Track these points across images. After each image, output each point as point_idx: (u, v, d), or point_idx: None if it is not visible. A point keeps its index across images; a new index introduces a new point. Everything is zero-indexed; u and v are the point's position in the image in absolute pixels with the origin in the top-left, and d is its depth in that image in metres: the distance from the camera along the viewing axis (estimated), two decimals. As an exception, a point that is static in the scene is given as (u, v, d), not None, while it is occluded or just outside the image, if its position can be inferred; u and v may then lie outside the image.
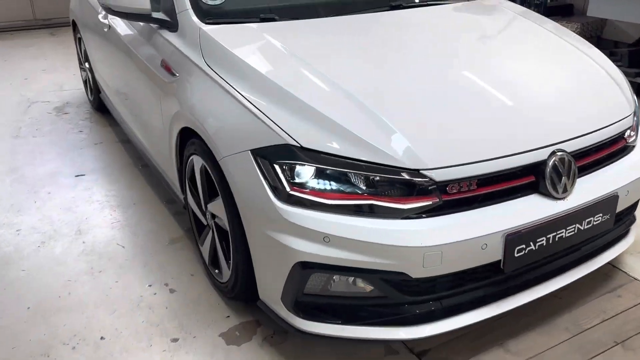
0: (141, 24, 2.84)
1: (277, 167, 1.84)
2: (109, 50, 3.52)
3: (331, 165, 1.80)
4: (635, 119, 2.28)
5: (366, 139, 1.81)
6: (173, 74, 2.45)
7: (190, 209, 2.59)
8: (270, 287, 1.99)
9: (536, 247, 1.93)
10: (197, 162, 2.31)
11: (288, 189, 1.83)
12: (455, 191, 1.83)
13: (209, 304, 2.41)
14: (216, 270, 2.43)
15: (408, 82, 2.10)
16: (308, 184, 1.81)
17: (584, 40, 2.70)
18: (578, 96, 2.22)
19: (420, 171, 1.79)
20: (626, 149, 2.26)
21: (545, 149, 1.95)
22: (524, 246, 1.90)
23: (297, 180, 1.82)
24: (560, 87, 2.24)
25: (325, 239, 1.78)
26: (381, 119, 1.87)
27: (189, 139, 2.36)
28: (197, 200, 2.48)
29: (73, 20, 4.71)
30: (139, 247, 2.85)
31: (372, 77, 2.10)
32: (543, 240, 1.94)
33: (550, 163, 1.92)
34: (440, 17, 2.77)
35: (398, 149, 1.81)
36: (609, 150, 2.17)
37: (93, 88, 4.59)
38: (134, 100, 3.23)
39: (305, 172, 1.82)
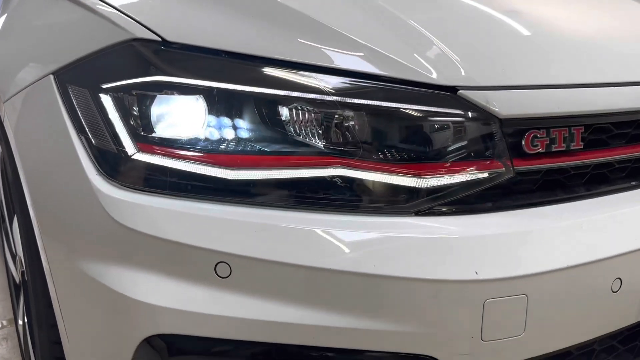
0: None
1: (106, 98, 0.75)
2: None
3: (240, 84, 0.72)
4: None
5: (328, 22, 0.76)
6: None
7: (4, 257, 1.42)
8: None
9: None
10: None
11: (131, 148, 0.73)
12: (540, 149, 0.76)
13: None
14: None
15: None
16: (182, 135, 0.72)
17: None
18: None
19: (460, 92, 0.73)
20: None
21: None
22: (689, 289, 0.83)
23: (155, 127, 0.73)
24: None
25: (220, 268, 0.66)
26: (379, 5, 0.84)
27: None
28: (7, 237, 1.32)
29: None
30: None
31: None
32: None
33: None
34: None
35: (405, 45, 0.75)
36: None
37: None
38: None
39: (176, 106, 0.73)
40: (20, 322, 1.37)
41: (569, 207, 0.78)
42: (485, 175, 0.73)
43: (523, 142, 0.75)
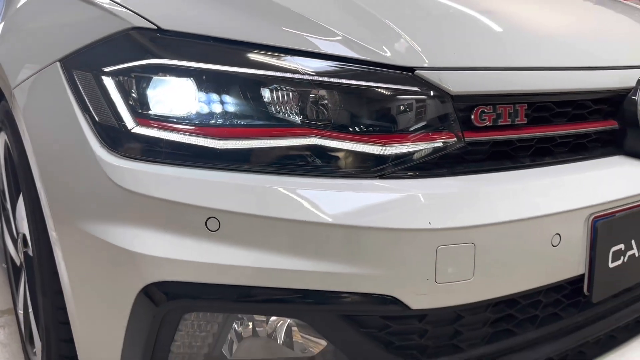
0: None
1: (108, 80, 0.86)
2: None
3: (227, 65, 0.83)
4: None
5: (303, 12, 0.87)
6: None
7: (3, 244, 1.50)
8: (98, 358, 0.91)
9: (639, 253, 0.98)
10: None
11: (131, 122, 0.83)
12: (488, 123, 0.88)
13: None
14: (34, 349, 1.31)
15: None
16: (175, 111, 0.83)
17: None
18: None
19: (417, 72, 0.84)
20: None
21: (630, 70, 1.06)
22: (622, 246, 0.94)
23: (151, 105, 0.83)
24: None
25: (211, 222, 0.77)
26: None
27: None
28: (8, 223, 1.41)
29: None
30: None
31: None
32: (651, 239, 0.99)
33: (644, 95, 1.03)
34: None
35: (370, 32, 0.87)
36: None
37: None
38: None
39: (170, 85, 0.83)
40: (20, 307, 1.45)
41: (515, 174, 0.89)
42: (440, 144, 0.84)
43: (472, 116, 0.86)
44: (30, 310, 1.23)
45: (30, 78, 0.97)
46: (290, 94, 0.83)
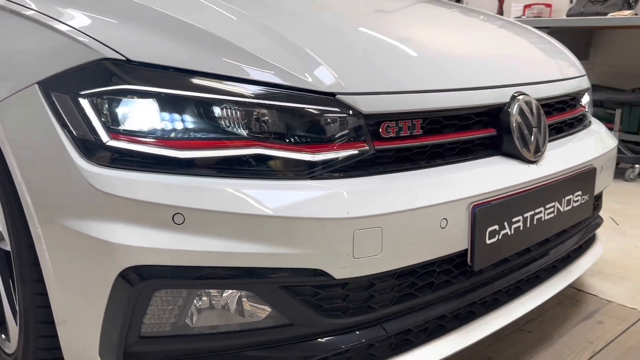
0: None
1: (85, 102, 1.03)
2: None
3: (185, 90, 1.03)
4: (589, 85, 1.81)
5: (246, 47, 1.08)
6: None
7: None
8: (80, 334, 1.09)
9: (512, 232, 1.26)
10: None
11: (105, 137, 1.01)
12: (392, 135, 1.13)
13: (-12, 398, 1.40)
14: (2, 336, 1.45)
15: (324, 13, 1.42)
16: (143, 127, 1.02)
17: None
18: (532, 49, 1.71)
19: (338, 96, 1.08)
20: (585, 120, 1.75)
21: (505, 88, 1.35)
22: (497, 227, 1.22)
23: (122, 122, 1.02)
24: (512, 41, 1.71)
25: (176, 217, 0.97)
26: (270, 28, 1.16)
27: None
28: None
29: None
30: None
31: None
32: (520, 220, 1.28)
33: (515, 108, 1.31)
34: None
35: (300, 63, 1.09)
36: (572, 113, 1.64)
37: None
38: None
39: (138, 106, 1.02)
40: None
41: (414, 173, 1.15)
42: (356, 152, 1.08)
43: (380, 130, 1.11)
44: (4, 297, 1.37)
45: (11, 96, 1.13)
46: (238, 112, 1.04)
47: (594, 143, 1.65)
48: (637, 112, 4.15)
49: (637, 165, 3.71)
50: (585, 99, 1.76)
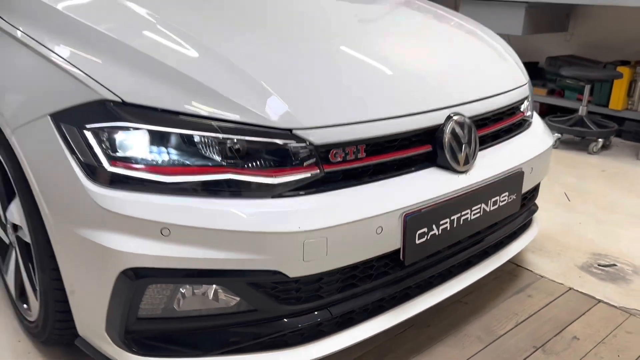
0: None
1: (89, 134, 1.29)
2: None
3: (170, 127, 1.28)
4: (530, 90, 2.05)
5: (219, 90, 1.33)
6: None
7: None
8: (90, 314, 1.39)
9: (439, 232, 1.55)
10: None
11: (106, 164, 1.27)
12: (339, 160, 1.39)
13: (16, 355, 1.72)
14: (24, 306, 1.76)
15: (282, 46, 1.65)
16: (137, 156, 1.27)
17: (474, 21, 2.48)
18: (471, 65, 1.93)
19: (294, 131, 1.33)
20: (524, 124, 2.01)
21: (440, 111, 1.59)
22: (425, 230, 1.51)
23: (120, 152, 1.28)
24: (451, 57, 1.93)
25: (164, 231, 1.24)
26: (240, 69, 1.40)
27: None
28: (-6, 211, 1.81)
29: None
30: None
31: (233, 32, 1.63)
32: (447, 222, 1.56)
33: (449, 128, 1.57)
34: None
35: (263, 103, 1.34)
36: (508, 121, 1.89)
37: None
38: None
39: (132, 139, 1.28)
40: (6, 273, 1.87)
41: (357, 189, 1.41)
42: (309, 175, 1.35)
43: (329, 156, 1.37)
44: (25, 275, 1.67)
45: (27, 124, 1.38)
46: (213, 144, 1.30)
47: (527, 146, 1.90)
48: (608, 85, 4.36)
49: (600, 139, 3.96)
50: (525, 105, 2.00)
